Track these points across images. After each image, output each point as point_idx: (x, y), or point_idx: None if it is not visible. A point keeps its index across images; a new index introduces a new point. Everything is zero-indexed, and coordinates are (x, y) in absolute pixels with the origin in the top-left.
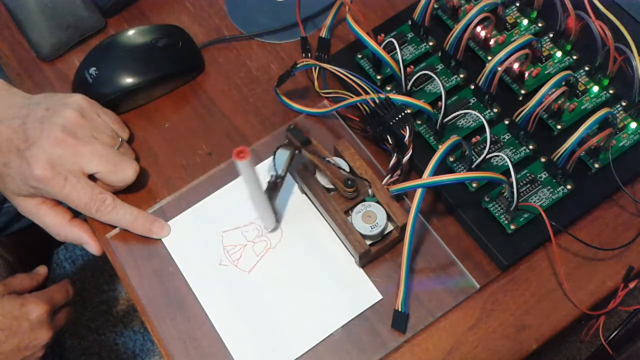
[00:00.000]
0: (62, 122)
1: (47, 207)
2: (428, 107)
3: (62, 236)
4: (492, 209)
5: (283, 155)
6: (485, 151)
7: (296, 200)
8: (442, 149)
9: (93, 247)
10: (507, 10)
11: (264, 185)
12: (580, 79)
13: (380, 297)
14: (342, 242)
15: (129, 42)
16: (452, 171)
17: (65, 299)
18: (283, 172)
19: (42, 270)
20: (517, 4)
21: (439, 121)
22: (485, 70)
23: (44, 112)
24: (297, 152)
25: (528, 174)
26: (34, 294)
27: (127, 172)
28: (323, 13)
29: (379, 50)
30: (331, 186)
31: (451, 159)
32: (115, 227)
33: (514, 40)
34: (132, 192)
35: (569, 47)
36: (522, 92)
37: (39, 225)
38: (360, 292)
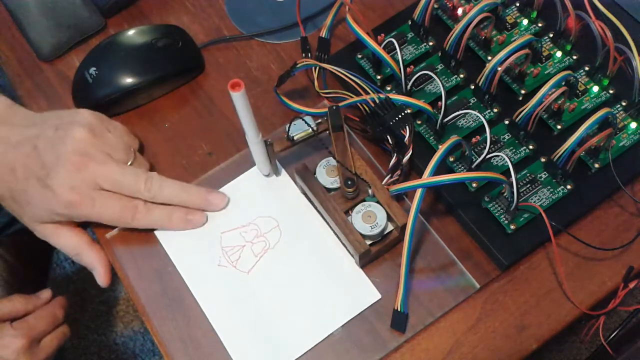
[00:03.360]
0: (74, 145)
1: (66, 229)
2: (428, 107)
3: (79, 257)
4: (492, 209)
5: (300, 125)
6: (485, 151)
7: (295, 200)
8: (442, 149)
9: (102, 277)
10: (507, 10)
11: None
12: (580, 79)
13: (379, 296)
14: (342, 242)
15: (129, 42)
16: (452, 171)
17: (53, 323)
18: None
19: (44, 294)
20: (517, 4)
21: (439, 121)
22: (485, 70)
23: (53, 132)
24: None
25: (528, 174)
26: (14, 324)
27: None
28: (323, 13)
29: (379, 50)
30: (331, 186)
31: (451, 159)
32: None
33: (514, 40)
34: None
35: (569, 47)
36: (522, 92)
37: (56, 246)
38: (359, 292)
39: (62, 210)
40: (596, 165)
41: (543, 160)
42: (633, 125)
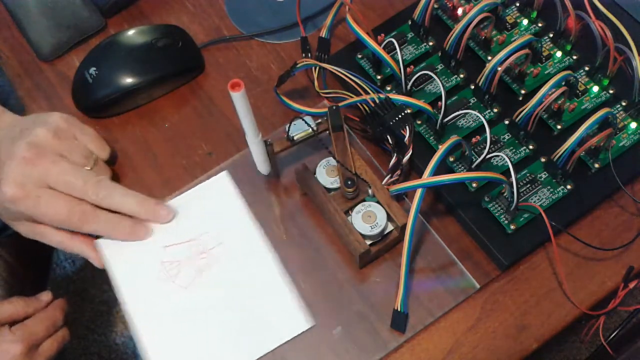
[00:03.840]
0: (29, 140)
1: (43, 226)
2: (428, 107)
3: (69, 250)
4: (492, 209)
5: (300, 125)
6: (485, 151)
7: (242, 219)
8: (442, 149)
9: (97, 260)
10: (507, 10)
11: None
12: (580, 79)
13: (309, 324)
14: (277, 262)
15: (129, 42)
16: (452, 171)
17: (53, 327)
18: (292, 136)
19: (44, 297)
20: (517, 4)
21: (439, 121)
22: (485, 70)
23: (18, 132)
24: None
25: (528, 174)
26: (13, 329)
27: None
28: (323, 13)
29: (379, 50)
30: (331, 186)
31: (451, 159)
32: None
33: (514, 40)
34: None
35: (569, 47)
36: (522, 92)
37: (48, 244)
38: (291, 318)
39: (8, 205)
40: (596, 165)
41: (543, 160)
42: (633, 125)
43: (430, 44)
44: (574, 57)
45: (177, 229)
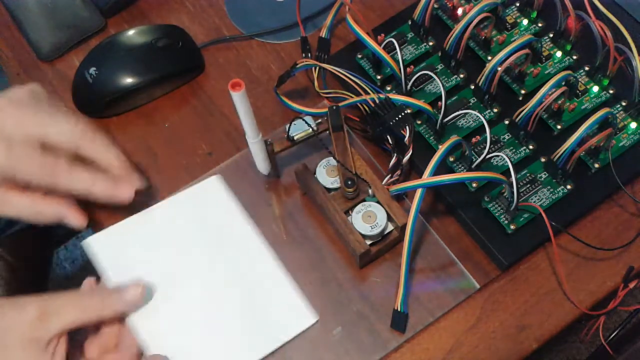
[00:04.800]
0: (8, 95)
1: (15, 192)
2: (428, 107)
3: (41, 215)
4: (492, 209)
5: (300, 125)
6: (485, 151)
7: (236, 217)
8: (442, 149)
9: (75, 218)
10: (507, 10)
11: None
12: (580, 79)
13: (314, 319)
14: (277, 260)
15: (129, 42)
16: (452, 171)
17: None
18: (292, 136)
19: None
20: (517, 4)
21: (439, 121)
22: (485, 70)
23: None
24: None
25: (528, 174)
26: None
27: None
28: (323, 13)
29: (379, 50)
30: (331, 186)
31: (451, 159)
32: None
33: (514, 40)
34: None
35: (569, 47)
36: (522, 92)
37: (11, 216)
38: (294, 315)
39: None
40: (596, 165)
41: (543, 160)
42: (633, 125)
43: (430, 44)
44: (574, 57)
45: (173, 229)
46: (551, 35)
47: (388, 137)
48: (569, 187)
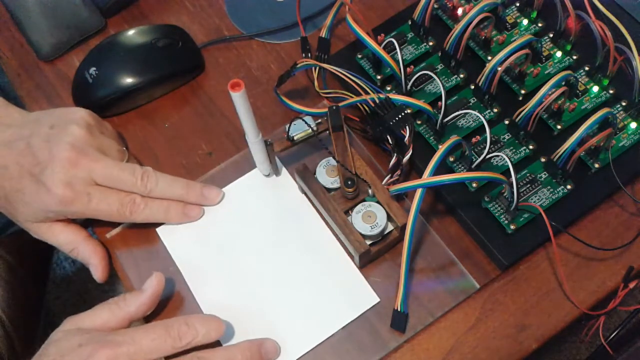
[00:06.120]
0: (69, 140)
1: (61, 225)
2: (428, 107)
3: (76, 252)
4: (492, 209)
5: (300, 125)
6: (485, 151)
7: (296, 201)
8: (442, 149)
9: (99, 271)
10: (507, 10)
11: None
12: (580, 79)
13: (377, 299)
14: (342, 242)
15: (129, 42)
16: (452, 171)
17: None
18: (291, 136)
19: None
20: (517, 4)
21: (439, 121)
22: (485, 70)
23: (48, 130)
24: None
25: (528, 174)
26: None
27: None
28: (323, 13)
29: (379, 50)
30: (331, 186)
31: (451, 159)
32: (119, 224)
33: (514, 40)
34: None
35: (569, 47)
36: (522, 92)
37: (52, 244)
38: (358, 295)
39: (56, 207)
40: (596, 165)
41: (543, 160)
42: (633, 125)
43: (430, 44)
44: (574, 57)
45: (234, 215)
46: (551, 35)
47: (388, 137)
48: (569, 187)
